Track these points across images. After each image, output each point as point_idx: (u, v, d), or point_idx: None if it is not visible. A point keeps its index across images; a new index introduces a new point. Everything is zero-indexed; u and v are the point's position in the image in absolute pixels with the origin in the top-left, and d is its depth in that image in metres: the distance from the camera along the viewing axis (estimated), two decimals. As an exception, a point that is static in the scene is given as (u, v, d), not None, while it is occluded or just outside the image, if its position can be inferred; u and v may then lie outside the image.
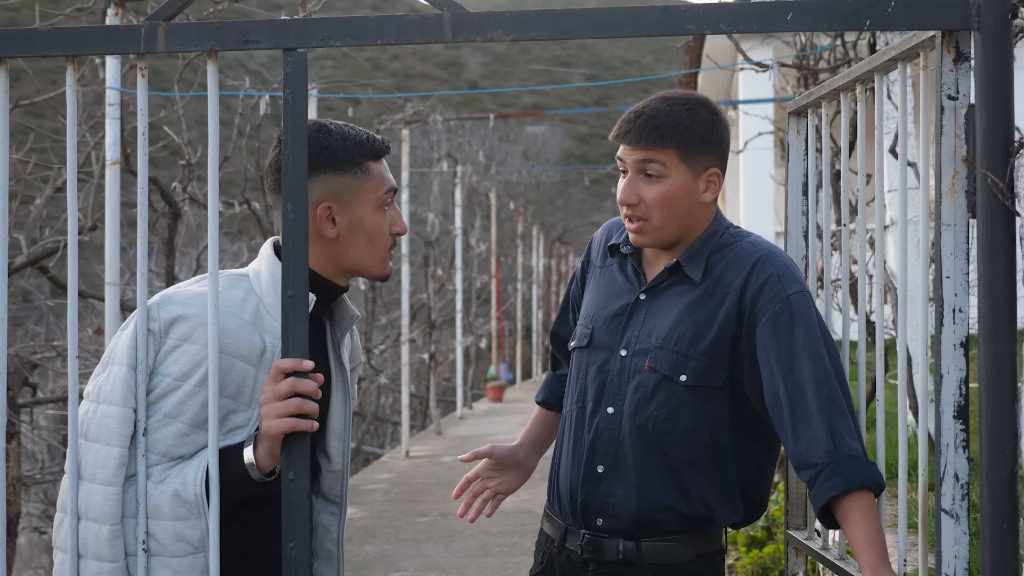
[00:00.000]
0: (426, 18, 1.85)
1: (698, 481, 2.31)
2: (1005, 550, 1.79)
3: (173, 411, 1.99)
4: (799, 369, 2.18)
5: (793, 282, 2.27)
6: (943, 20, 1.83)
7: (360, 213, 2.13)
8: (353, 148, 2.13)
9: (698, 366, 2.28)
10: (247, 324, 2.05)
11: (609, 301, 2.42)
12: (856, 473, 2.10)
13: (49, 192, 8.10)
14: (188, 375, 1.99)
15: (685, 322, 2.31)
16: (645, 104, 2.31)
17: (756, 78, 10.87)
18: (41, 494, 10.97)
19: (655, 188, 2.28)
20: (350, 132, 2.15)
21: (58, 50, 1.86)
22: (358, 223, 2.13)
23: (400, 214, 2.20)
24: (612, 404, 2.35)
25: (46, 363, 8.32)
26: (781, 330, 2.22)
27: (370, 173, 2.14)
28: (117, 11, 5.21)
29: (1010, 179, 1.79)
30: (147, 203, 1.94)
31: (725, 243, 2.35)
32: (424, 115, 12.25)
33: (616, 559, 2.34)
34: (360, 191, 2.13)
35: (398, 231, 2.19)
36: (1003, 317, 1.80)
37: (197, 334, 2.00)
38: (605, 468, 2.34)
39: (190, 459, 2.00)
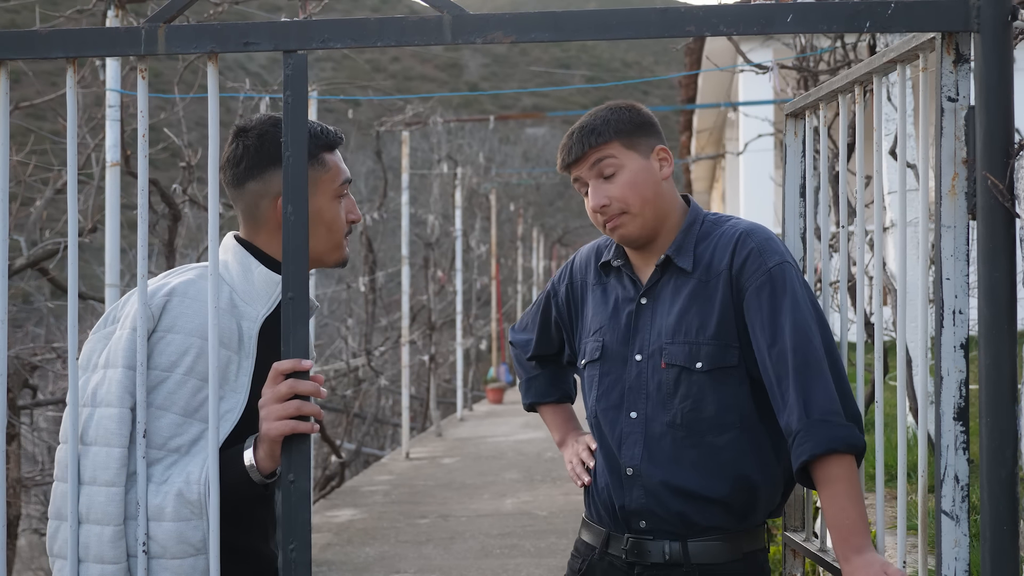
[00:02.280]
0: (426, 20, 1.85)
1: (737, 464, 2.33)
2: (1005, 552, 1.79)
3: (164, 402, 2.00)
4: (781, 339, 2.23)
5: (773, 254, 2.31)
6: (943, 22, 1.83)
7: (318, 204, 2.18)
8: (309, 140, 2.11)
9: (711, 350, 2.32)
10: (224, 312, 2.08)
11: (614, 313, 2.48)
12: (827, 436, 2.12)
13: (49, 194, 8.10)
14: (175, 364, 2.01)
15: (689, 312, 2.36)
16: (573, 127, 2.45)
17: (756, 80, 10.88)
18: (41, 496, 10.96)
19: (618, 181, 2.39)
20: None
21: (58, 52, 1.86)
22: (316, 214, 2.17)
23: (354, 203, 2.26)
24: (634, 408, 2.40)
25: (46, 365, 8.31)
26: (764, 303, 2.27)
27: (326, 165, 2.20)
28: (117, 13, 5.21)
29: (1010, 181, 1.79)
30: (147, 205, 1.94)
31: (707, 231, 2.42)
32: (424, 117, 12.25)
33: (662, 560, 2.36)
34: (317, 183, 2.17)
35: (354, 219, 2.25)
36: (1003, 319, 1.80)
37: (180, 323, 2.02)
38: (634, 471, 2.38)
39: (190, 456, 2.01)
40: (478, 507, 8.46)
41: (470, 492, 9.14)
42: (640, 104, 2.50)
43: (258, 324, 2.11)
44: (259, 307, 2.12)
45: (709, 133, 19.25)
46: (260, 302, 2.13)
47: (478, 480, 9.69)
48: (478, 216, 20.48)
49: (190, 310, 2.04)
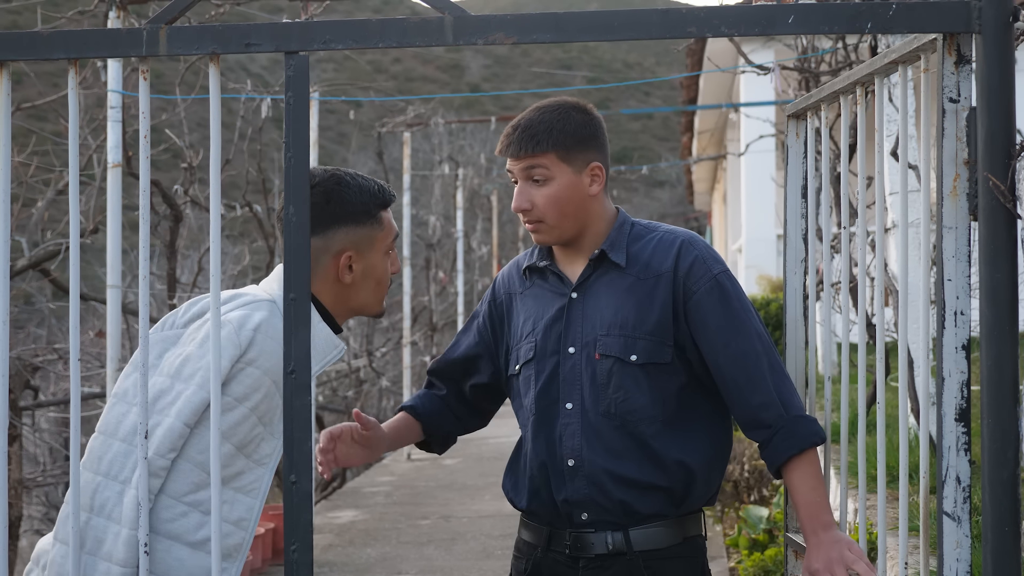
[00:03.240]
0: (427, 21, 1.85)
1: (671, 452, 2.41)
2: (1007, 553, 1.79)
3: (228, 431, 2.07)
4: (739, 341, 2.38)
5: (716, 262, 2.45)
6: (944, 23, 1.83)
7: (373, 260, 2.29)
8: (369, 200, 2.28)
9: (647, 345, 2.41)
10: None
11: (543, 311, 2.53)
12: (806, 432, 2.34)
13: (51, 195, 8.11)
14: (246, 397, 2.09)
15: (626, 306, 2.43)
16: (521, 117, 2.47)
17: (757, 81, 10.88)
18: (43, 496, 10.97)
19: (544, 191, 2.43)
20: (364, 184, 2.30)
21: (60, 53, 1.86)
22: (371, 269, 2.29)
23: (396, 256, 2.37)
24: (570, 399, 2.46)
25: (48, 366, 8.33)
26: (715, 307, 2.40)
27: (382, 223, 2.30)
28: (119, 14, 5.21)
29: (1011, 181, 1.79)
30: (149, 206, 1.94)
31: (639, 234, 2.51)
32: (425, 118, 12.26)
33: (606, 551, 2.42)
34: (375, 240, 2.29)
35: (395, 271, 2.36)
36: (1005, 319, 1.80)
37: (261, 360, 2.10)
38: (575, 461, 2.43)
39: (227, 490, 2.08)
40: (480, 508, 8.46)
41: (472, 493, 9.14)
42: (591, 108, 2.51)
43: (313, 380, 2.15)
44: (315, 363, 2.15)
45: (710, 134, 19.26)
46: (316, 359, 2.16)
47: (480, 481, 9.69)
48: (479, 217, 20.50)
49: (269, 349, 2.11)
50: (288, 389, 1.85)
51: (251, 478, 2.11)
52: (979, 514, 1.84)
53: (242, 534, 2.09)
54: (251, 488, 2.11)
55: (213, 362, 1.89)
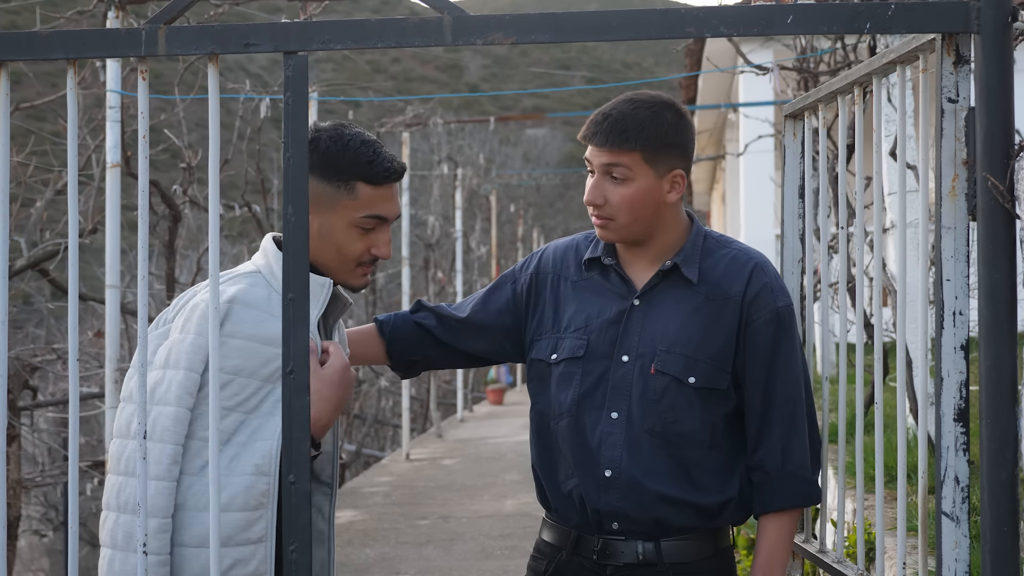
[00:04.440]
0: (426, 21, 1.85)
1: (710, 474, 2.38)
2: (1006, 553, 1.79)
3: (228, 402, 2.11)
4: (775, 382, 2.36)
5: (783, 295, 2.40)
6: (943, 23, 1.83)
7: (331, 224, 2.22)
8: (347, 163, 2.21)
9: (707, 369, 2.35)
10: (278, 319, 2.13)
11: (601, 310, 2.43)
12: (791, 492, 2.36)
13: (50, 195, 8.11)
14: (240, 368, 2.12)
15: (692, 326, 2.36)
16: (612, 106, 2.35)
17: (756, 81, 10.87)
18: (41, 497, 10.98)
19: (620, 190, 2.33)
20: (356, 149, 2.21)
21: (59, 53, 1.86)
22: (328, 232, 2.22)
23: (388, 240, 2.27)
24: (616, 409, 2.37)
25: (46, 366, 8.32)
26: (768, 340, 2.36)
27: (354, 193, 2.22)
28: (118, 14, 5.21)
29: (1010, 182, 1.79)
30: (148, 206, 1.94)
31: (711, 248, 2.43)
32: (424, 118, 12.26)
33: (636, 561, 2.36)
34: (336, 204, 2.22)
35: (377, 254, 2.26)
36: (1003, 320, 1.80)
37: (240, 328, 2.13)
38: (613, 473, 2.36)
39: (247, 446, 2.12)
40: (478, 508, 8.46)
41: (470, 493, 9.14)
42: (685, 111, 2.41)
43: (314, 324, 2.18)
44: (312, 310, 2.18)
45: (709, 134, 19.25)
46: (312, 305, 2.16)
47: (478, 481, 9.69)
48: (478, 217, 20.50)
49: (247, 316, 2.14)
50: (287, 389, 1.85)
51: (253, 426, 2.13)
52: (978, 514, 1.84)
53: (267, 479, 2.10)
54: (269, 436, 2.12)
55: (212, 361, 1.89)
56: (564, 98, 45.96)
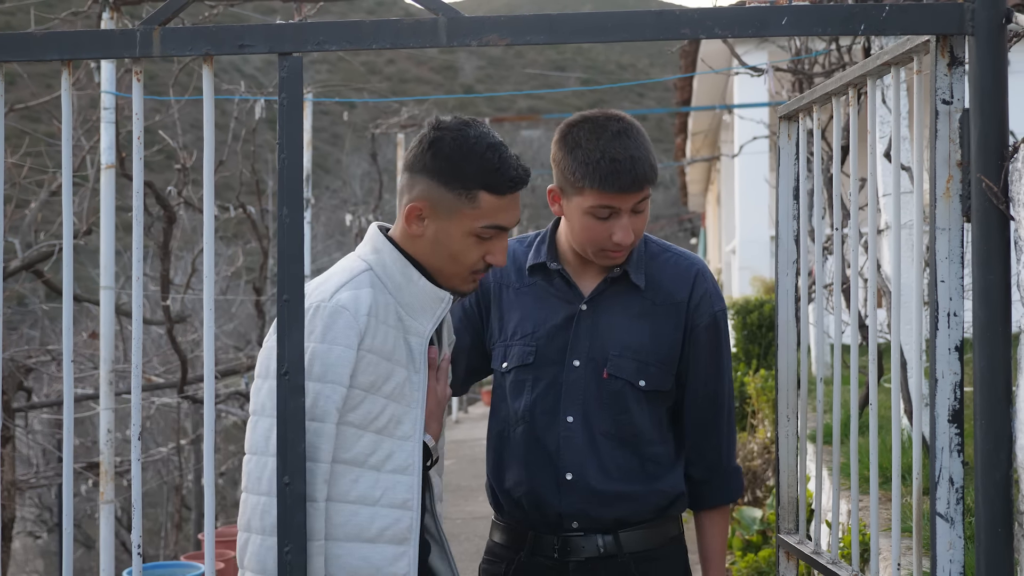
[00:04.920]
0: (421, 22, 1.85)
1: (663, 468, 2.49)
2: (1000, 554, 1.79)
3: (362, 422, 2.04)
4: (715, 385, 2.51)
5: (719, 300, 2.53)
6: (937, 25, 1.83)
7: (449, 230, 2.12)
8: (471, 170, 2.09)
9: (656, 372, 2.45)
10: (394, 330, 2.09)
11: (547, 316, 2.49)
12: (736, 487, 2.57)
13: (44, 196, 8.10)
14: (373, 386, 2.05)
15: (642, 331, 2.45)
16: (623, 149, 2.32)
17: (751, 82, 10.89)
18: (36, 498, 10.96)
19: (641, 220, 2.39)
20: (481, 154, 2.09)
21: (54, 54, 1.86)
22: (444, 237, 2.12)
23: (504, 248, 2.17)
24: (571, 413, 2.44)
25: (41, 367, 8.31)
26: (709, 343, 2.49)
27: (476, 202, 2.10)
28: (112, 15, 5.20)
29: (1004, 183, 1.79)
30: (142, 207, 1.94)
31: (653, 253, 2.52)
32: (419, 119, 12.25)
33: (597, 554, 2.45)
34: (458, 212, 2.10)
35: (492, 262, 2.16)
36: (997, 321, 1.80)
37: (376, 344, 2.05)
38: (574, 475, 2.43)
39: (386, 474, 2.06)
40: (473, 509, 8.45)
41: (465, 494, 9.13)
42: None
43: (426, 340, 2.11)
44: (426, 322, 2.12)
45: (704, 135, 19.27)
46: (426, 317, 2.12)
47: (473, 482, 9.68)
48: (473, 218, 20.44)
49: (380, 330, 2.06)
50: (283, 391, 1.85)
51: (402, 456, 2.06)
52: (972, 515, 1.84)
53: (411, 515, 2.04)
54: (406, 466, 2.06)
55: (207, 360, 1.89)
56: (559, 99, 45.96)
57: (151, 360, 10.49)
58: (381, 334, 2.05)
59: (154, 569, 6.16)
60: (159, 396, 10.30)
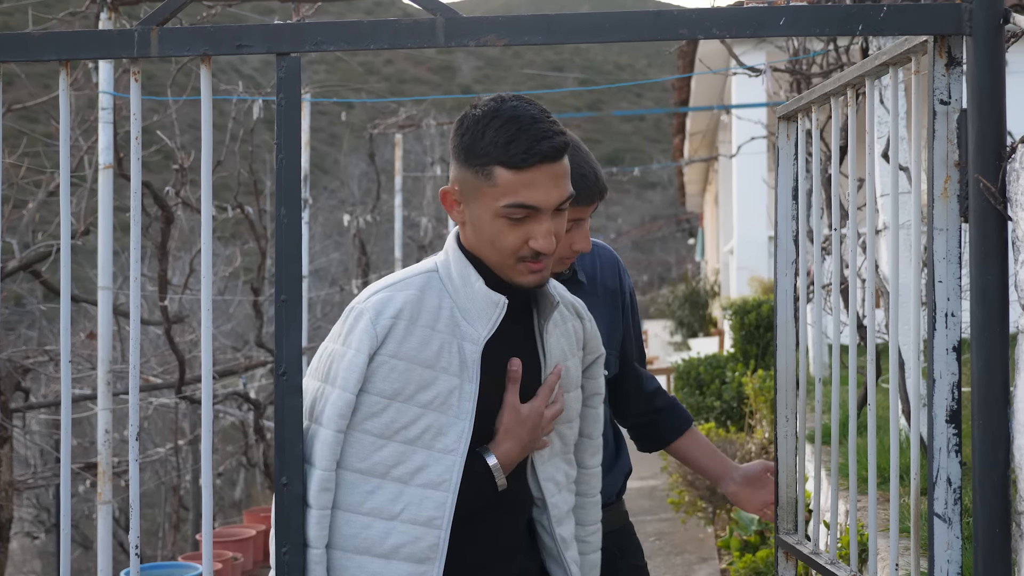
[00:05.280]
0: (419, 23, 1.85)
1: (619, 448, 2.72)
2: (997, 554, 1.79)
3: (385, 431, 1.93)
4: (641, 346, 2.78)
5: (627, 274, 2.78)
6: (935, 25, 1.83)
7: (477, 212, 1.97)
8: (484, 147, 1.93)
9: (612, 359, 2.62)
10: (445, 335, 1.97)
11: None
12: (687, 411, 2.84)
13: (42, 196, 8.09)
14: (398, 393, 1.93)
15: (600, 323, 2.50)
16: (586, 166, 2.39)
17: (749, 82, 10.89)
18: (33, 499, 10.95)
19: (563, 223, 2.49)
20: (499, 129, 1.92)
21: (51, 54, 1.86)
22: (477, 221, 1.98)
23: (547, 231, 1.96)
24: None
25: (39, 368, 8.30)
26: (636, 316, 2.75)
27: (493, 179, 1.92)
28: (110, 15, 5.20)
29: (1002, 183, 1.79)
30: (140, 207, 1.94)
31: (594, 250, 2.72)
32: (417, 119, 12.26)
33: None
34: (479, 192, 1.95)
35: (535, 247, 1.96)
36: (995, 321, 1.80)
37: (404, 349, 1.93)
38: None
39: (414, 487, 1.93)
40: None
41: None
42: None
43: (480, 347, 1.97)
44: (481, 328, 1.98)
45: (702, 136, 19.28)
46: (482, 323, 1.98)
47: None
48: (471, 218, 20.42)
49: (413, 335, 1.95)
50: (280, 391, 1.85)
51: (438, 471, 1.92)
52: (970, 515, 1.84)
53: (436, 533, 1.91)
54: (441, 482, 1.92)
55: (205, 360, 1.89)
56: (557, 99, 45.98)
57: (149, 360, 10.48)
58: (417, 339, 1.94)
59: (152, 569, 6.16)
60: (157, 396, 10.29)
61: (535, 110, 1.95)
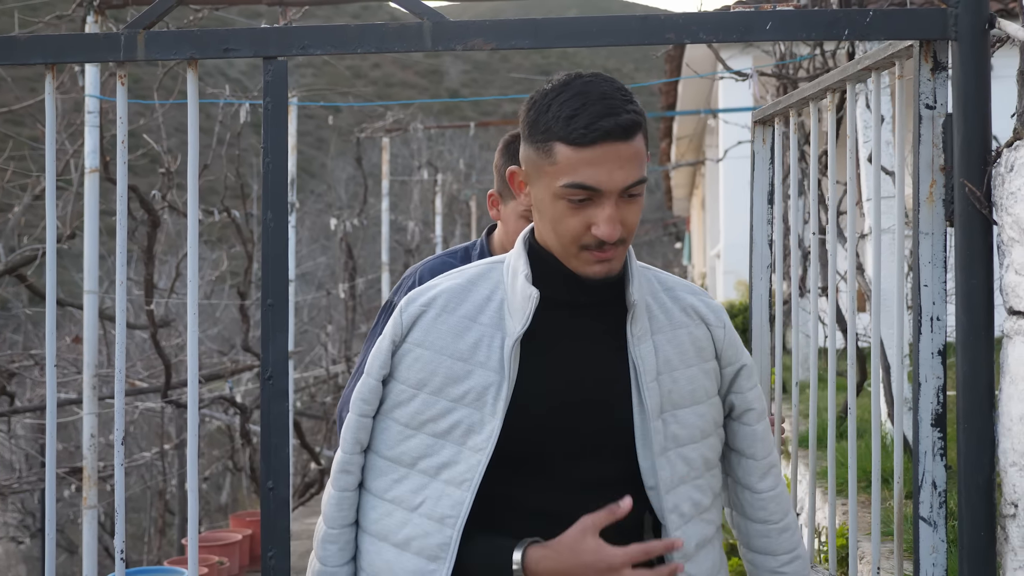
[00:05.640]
0: (406, 27, 1.85)
1: None
2: (982, 557, 1.80)
3: (412, 421, 1.85)
4: None
5: None
6: (921, 30, 1.84)
7: (539, 195, 1.83)
8: (547, 122, 1.78)
9: None
10: (488, 328, 1.86)
11: None
12: None
13: (28, 200, 8.06)
14: (423, 383, 1.85)
15: None
16: None
17: (736, 87, 10.91)
18: (18, 503, 10.90)
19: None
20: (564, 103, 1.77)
21: (37, 58, 1.86)
22: (540, 205, 1.84)
23: (609, 217, 1.78)
24: None
25: (24, 372, 8.27)
26: None
27: (553, 156, 1.77)
28: (96, 19, 5.18)
29: (987, 188, 1.80)
30: (126, 211, 1.94)
31: None
32: (404, 123, 12.24)
33: None
34: (541, 170, 1.81)
35: (597, 234, 1.78)
36: (981, 325, 1.81)
37: (431, 339, 1.85)
38: None
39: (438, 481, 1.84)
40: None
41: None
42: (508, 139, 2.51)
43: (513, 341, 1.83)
44: (517, 323, 1.84)
45: (689, 140, 19.31)
46: (518, 317, 1.84)
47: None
48: (458, 222, 20.47)
49: (445, 325, 1.86)
50: (266, 395, 1.85)
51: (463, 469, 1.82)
52: (955, 519, 1.85)
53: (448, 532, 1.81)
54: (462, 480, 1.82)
55: (191, 364, 1.88)
56: (544, 104, 45.84)
57: (135, 364, 10.45)
58: (448, 329, 1.85)
59: (138, 574, 6.13)
60: (143, 401, 10.26)
61: (608, 86, 1.78)
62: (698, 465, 1.88)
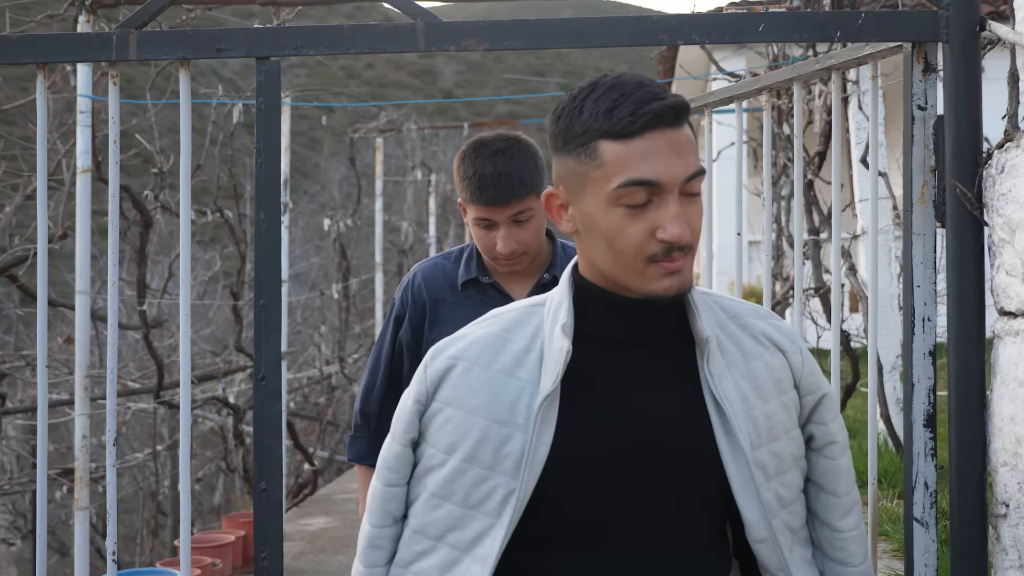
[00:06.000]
0: (400, 27, 1.85)
1: None
2: (974, 557, 1.80)
3: (441, 490, 1.64)
4: None
5: None
6: (913, 32, 1.85)
7: (588, 208, 1.57)
8: (584, 121, 1.56)
9: None
10: (528, 384, 1.62)
11: None
12: None
13: (19, 200, 8.05)
14: (454, 447, 1.62)
15: None
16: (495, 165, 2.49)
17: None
18: (9, 505, 10.88)
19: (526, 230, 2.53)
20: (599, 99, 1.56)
21: (29, 57, 1.85)
22: (588, 221, 1.58)
23: (675, 215, 1.53)
24: None
25: (15, 372, 8.25)
26: None
27: (597, 157, 1.54)
28: (88, 18, 5.18)
29: (978, 189, 1.80)
30: (118, 211, 1.93)
31: (570, 254, 2.65)
32: (398, 124, 12.25)
33: None
34: (586, 179, 1.56)
35: (665, 238, 1.53)
36: (972, 326, 1.81)
37: (461, 398, 1.63)
38: None
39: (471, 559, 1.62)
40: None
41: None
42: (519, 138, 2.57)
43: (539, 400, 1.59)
44: (548, 380, 1.60)
45: (682, 141, 19.33)
46: (549, 374, 1.60)
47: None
48: (452, 223, 20.48)
49: (478, 380, 1.63)
50: (258, 395, 1.85)
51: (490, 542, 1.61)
52: (946, 518, 1.85)
53: None
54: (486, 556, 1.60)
55: (183, 365, 1.88)
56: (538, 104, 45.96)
57: (127, 365, 10.43)
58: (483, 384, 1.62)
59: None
60: (135, 401, 10.25)
61: (641, 77, 1.60)
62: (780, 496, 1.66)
